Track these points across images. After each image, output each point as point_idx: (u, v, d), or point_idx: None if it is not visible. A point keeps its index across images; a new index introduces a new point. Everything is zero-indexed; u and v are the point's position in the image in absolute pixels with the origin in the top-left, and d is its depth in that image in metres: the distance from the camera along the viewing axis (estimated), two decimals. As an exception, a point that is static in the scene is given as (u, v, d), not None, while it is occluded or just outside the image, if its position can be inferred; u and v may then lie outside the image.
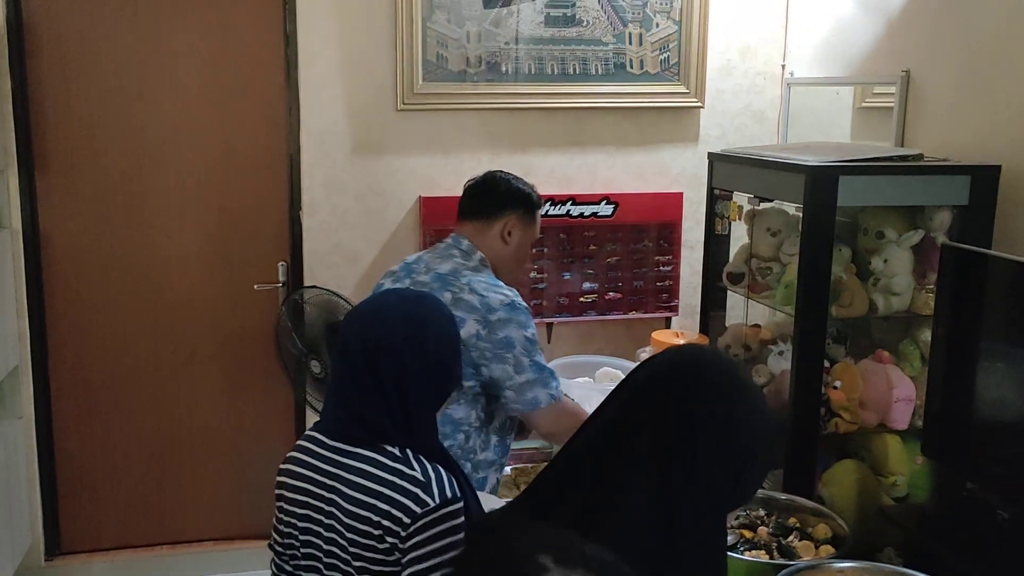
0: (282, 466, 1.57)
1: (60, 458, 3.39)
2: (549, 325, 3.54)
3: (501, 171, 2.41)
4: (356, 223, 3.39)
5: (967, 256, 2.28)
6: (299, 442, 1.58)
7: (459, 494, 1.47)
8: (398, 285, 2.28)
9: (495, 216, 2.30)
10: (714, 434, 1.26)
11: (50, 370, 3.34)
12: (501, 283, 2.21)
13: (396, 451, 1.48)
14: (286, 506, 1.54)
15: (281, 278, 3.43)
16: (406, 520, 1.43)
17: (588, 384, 2.92)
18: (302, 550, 1.52)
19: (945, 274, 2.33)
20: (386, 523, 1.43)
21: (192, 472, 3.51)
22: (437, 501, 1.43)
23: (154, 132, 3.29)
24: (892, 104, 2.91)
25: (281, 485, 1.56)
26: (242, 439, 3.51)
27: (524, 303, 2.20)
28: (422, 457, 1.48)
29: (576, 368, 3.05)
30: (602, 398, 1.40)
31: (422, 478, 1.45)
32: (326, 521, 1.48)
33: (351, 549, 1.46)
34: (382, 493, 1.44)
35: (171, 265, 3.38)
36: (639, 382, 1.34)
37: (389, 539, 1.44)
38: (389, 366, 1.48)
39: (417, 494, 1.43)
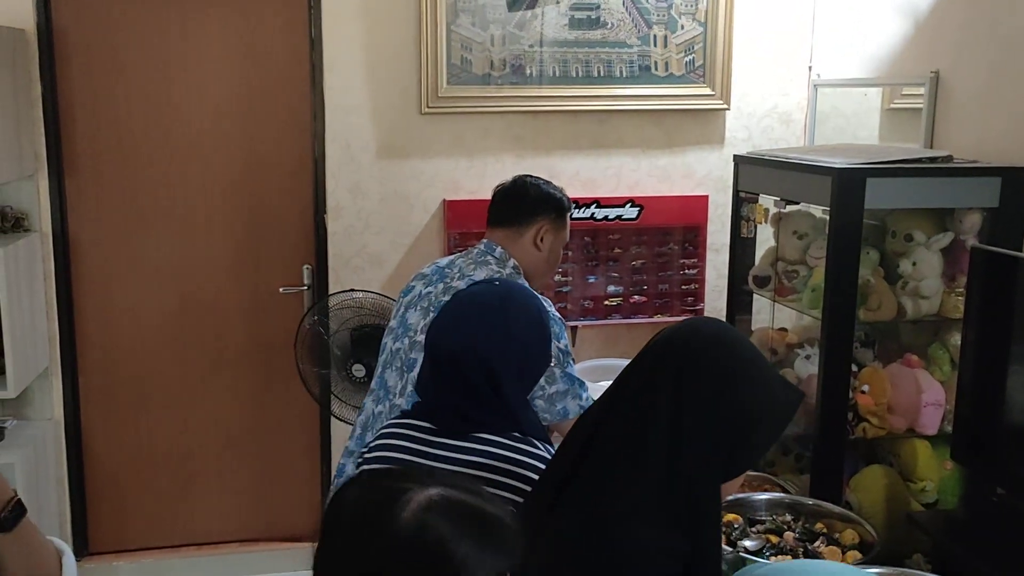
0: (369, 466, 1.56)
1: (88, 460, 3.43)
2: (574, 328, 3.53)
3: (530, 176, 2.40)
4: (381, 226, 3.40)
5: (998, 259, 2.25)
6: (384, 441, 1.57)
7: None
8: (430, 289, 2.28)
9: (527, 223, 2.29)
10: (702, 390, 1.28)
11: (79, 372, 3.37)
12: (535, 292, 2.22)
13: (517, 434, 1.51)
14: None
15: (306, 281, 3.44)
16: None
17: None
18: None
19: (975, 277, 2.30)
20: (515, 497, 1.45)
21: (218, 474, 3.53)
22: None
23: (181, 136, 3.32)
24: (921, 105, 2.88)
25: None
26: (267, 441, 3.53)
27: (558, 313, 2.19)
28: (533, 439, 1.52)
29: (601, 371, 3.04)
30: None
31: (548, 456, 1.49)
32: None
33: None
34: (515, 472, 1.47)
35: (197, 268, 3.40)
36: (647, 347, 1.39)
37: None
38: (479, 370, 1.51)
39: None
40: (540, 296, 2.19)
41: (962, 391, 2.35)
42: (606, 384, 2.89)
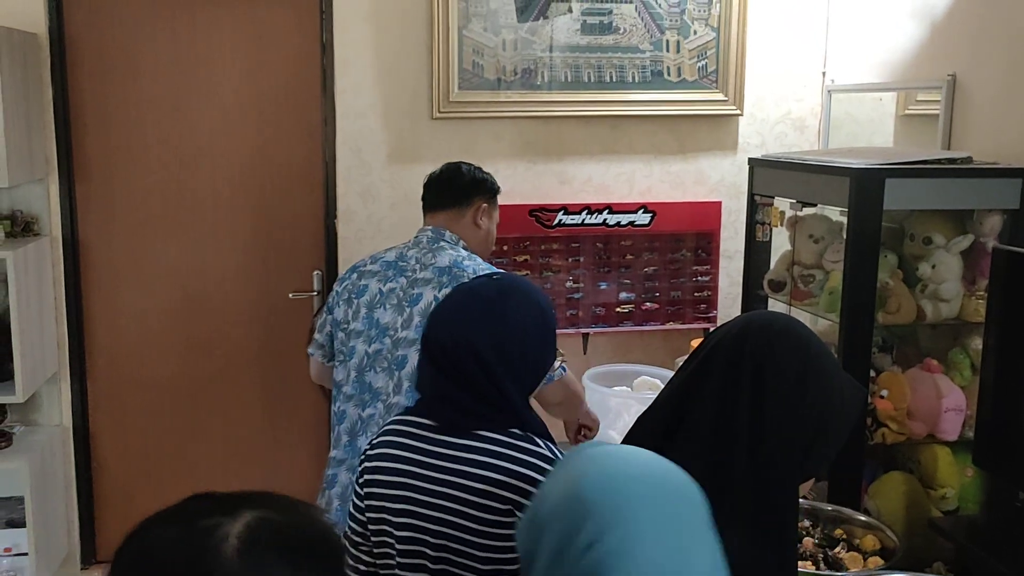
0: (371, 464, 1.53)
1: (96, 466, 3.40)
2: (585, 335, 3.50)
3: (460, 162, 2.52)
4: (391, 231, 3.37)
5: (1020, 260, 2.21)
6: (386, 438, 1.55)
7: None
8: (391, 285, 2.28)
9: (466, 204, 2.41)
10: (784, 388, 1.24)
11: (88, 377, 3.35)
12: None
13: (516, 430, 1.48)
14: (377, 503, 1.51)
15: (316, 287, 3.42)
16: None
17: (626, 392, 2.87)
18: (399, 546, 1.49)
19: (997, 279, 2.26)
20: (522, 500, 1.42)
21: (226, 481, 3.50)
22: None
23: (192, 141, 3.31)
24: (936, 111, 2.85)
25: (372, 483, 1.52)
26: (277, 447, 3.50)
27: None
28: (534, 436, 1.49)
29: (614, 377, 3.01)
30: (640, 407, 1.39)
31: (552, 456, 1.47)
32: (435, 514, 1.45)
33: (472, 527, 1.44)
34: (516, 471, 1.44)
35: (207, 273, 3.39)
36: (715, 337, 1.34)
37: (520, 514, 1.43)
38: (478, 368, 1.48)
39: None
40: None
41: (984, 395, 2.31)
42: (619, 389, 2.88)
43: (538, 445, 1.48)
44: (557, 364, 2.23)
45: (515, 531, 1.37)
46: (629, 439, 1.40)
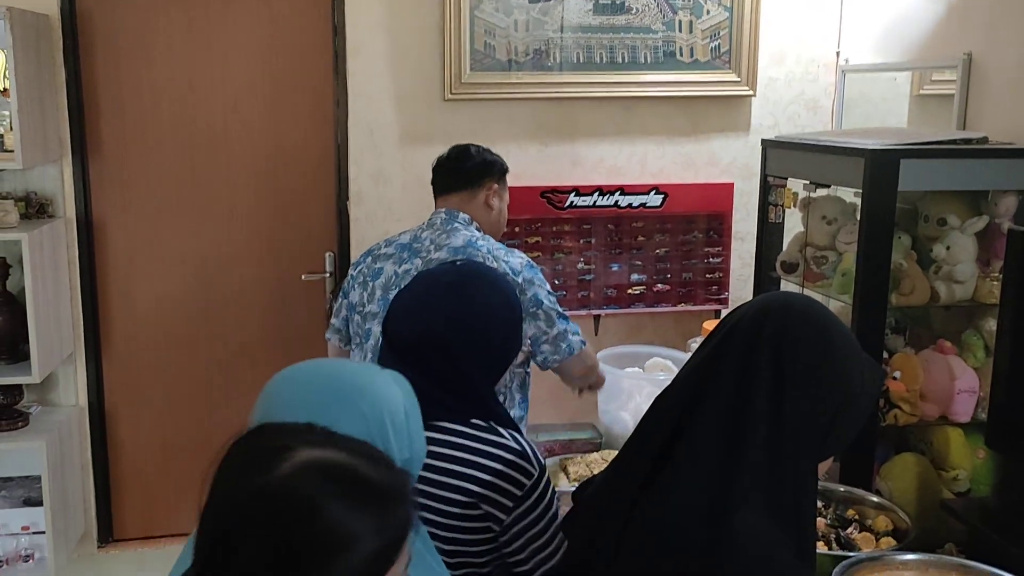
0: None
1: (112, 446, 3.44)
2: (596, 317, 3.50)
3: (469, 144, 2.53)
4: (403, 213, 3.38)
5: (1035, 241, 2.20)
6: None
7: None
8: (407, 267, 2.30)
9: (477, 186, 2.43)
10: (803, 368, 1.24)
11: (103, 359, 3.38)
12: (501, 273, 2.23)
13: (480, 421, 1.48)
14: None
15: (328, 268, 3.43)
16: (516, 492, 1.44)
17: (638, 374, 2.87)
18: None
19: (1012, 260, 2.24)
20: (486, 492, 1.42)
21: (240, 461, 3.52)
22: (538, 470, 1.47)
23: (204, 123, 3.32)
24: (951, 91, 2.83)
25: None
26: (290, 429, 3.52)
27: (531, 260, 2.34)
28: (497, 426, 1.49)
29: (626, 359, 3.00)
30: (653, 389, 1.38)
31: (517, 447, 1.47)
32: None
33: (437, 520, 1.44)
34: (479, 463, 1.44)
35: (220, 254, 3.40)
36: (733, 319, 1.34)
37: (485, 506, 1.43)
38: (440, 356, 1.47)
39: (519, 463, 1.45)
40: (518, 253, 2.31)
41: (997, 377, 2.30)
42: (632, 370, 2.88)
43: (502, 436, 1.47)
44: (577, 339, 2.29)
45: (485, 523, 1.38)
46: (645, 421, 1.40)
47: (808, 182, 2.70)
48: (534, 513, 1.46)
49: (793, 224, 2.96)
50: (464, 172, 2.45)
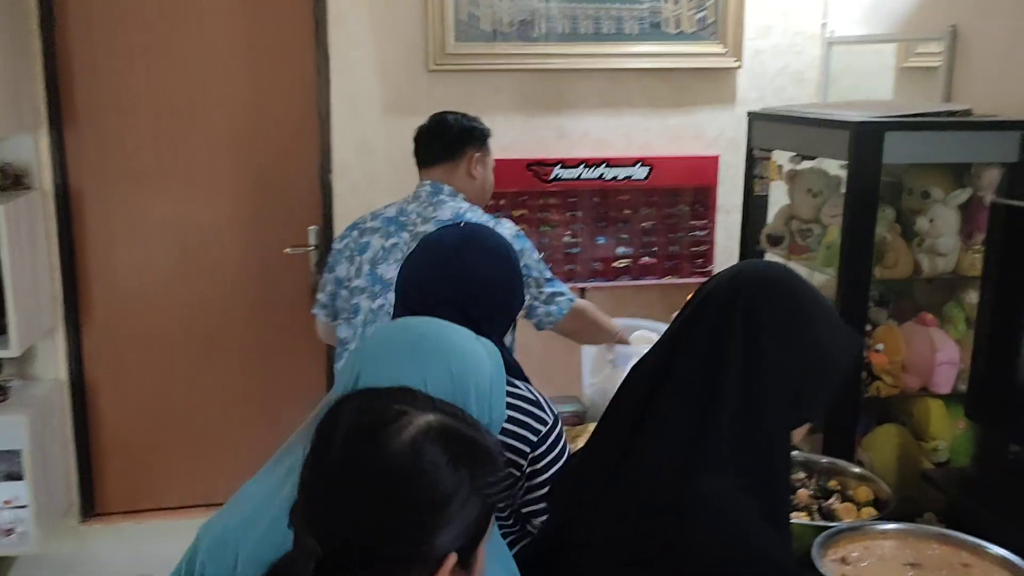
0: None
1: (94, 420, 3.42)
2: (583, 290, 3.49)
3: (447, 112, 2.52)
4: (388, 185, 3.34)
5: (1018, 214, 2.21)
6: None
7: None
8: (394, 240, 2.30)
9: (458, 156, 2.44)
10: (775, 332, 1.26)
11: (83, 331, 3.35)
12: (500, 233, 2.24)
13: None
14: None
15: (312, 242, 3.41)
16: (532, 438, 1.52)
17: (623, 347, 2.87)
18: None
19: (994, 233, 2.26)
20: (504, 439, 1.47)
21: (224, 435, 3.51)
22: (552, 417, 1.56)
23: (183, 92, 3.27)
24: (936, 64, 2.82)
25: None
26: (274, 402, 3.51)
27: (520, 229, 2.41)
28: (513, 379, 1.55)
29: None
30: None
31: (532, 396, 1.55)
32: None
33: None
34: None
35: (201, 226, 3.37)
36: (708, 286, 1.37)
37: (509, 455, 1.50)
38: (455, 314, 1.50)
39: (534, 412, 1.54)
40: (506, 223, 2.35)
41: (978, 349, 2.32)
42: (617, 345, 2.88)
43: (516, 387, 1.54)
44: (565, 298, 2.36)
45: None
46: (623, 387, 1.41)
47: (794, 155, 2.70)
48: (549, 456, 1.55)
49: (778, 197, 2.96)
50: (443, 143, 2.45)
